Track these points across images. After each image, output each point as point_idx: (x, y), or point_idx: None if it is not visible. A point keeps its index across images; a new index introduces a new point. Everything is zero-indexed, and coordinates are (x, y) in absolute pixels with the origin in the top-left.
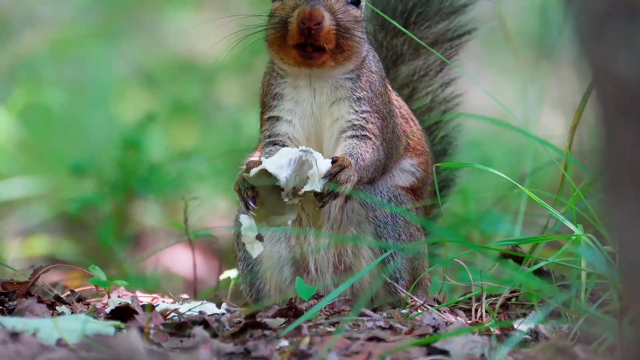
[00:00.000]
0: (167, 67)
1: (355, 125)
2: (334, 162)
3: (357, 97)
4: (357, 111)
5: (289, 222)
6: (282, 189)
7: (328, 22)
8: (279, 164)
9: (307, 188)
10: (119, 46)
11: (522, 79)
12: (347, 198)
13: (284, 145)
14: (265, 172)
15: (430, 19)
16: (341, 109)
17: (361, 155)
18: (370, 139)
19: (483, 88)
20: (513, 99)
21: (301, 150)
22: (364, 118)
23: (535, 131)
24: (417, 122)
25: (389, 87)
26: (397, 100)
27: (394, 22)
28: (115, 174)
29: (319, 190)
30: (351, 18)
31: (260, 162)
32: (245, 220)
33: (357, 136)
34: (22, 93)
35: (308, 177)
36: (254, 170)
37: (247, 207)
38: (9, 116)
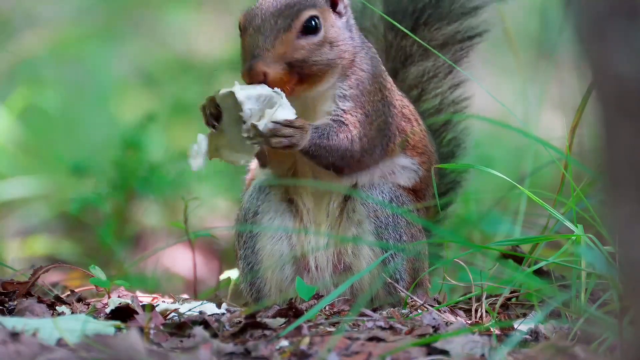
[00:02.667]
0: (167, 67)
1: (333, 114)
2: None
3: (342, 95)
4: (338, 105)
5: (241, 162)
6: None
7: (274, 73)
8: (248, 93)
9: (253, 120)
10: (119, 46)
11: (522, 79)
12: (348, 197)
13: None
14: (233, 97)
15: (440, 20)
16: (325, 105)
17: (328, 133)
18: (346, 125)
19: (484, 88)
20: (513, 99)
21: (274, 91)
22: (343, 110)
23: (536, 131)
24: (421, 122)
25: (387, 85)
26: (400, 99)
27: (400, 27)
28: (115, 174)
29: (260, 129)
30: (308, 49)
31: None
32: (202, 139)
33: (333, 119)
34: (22, 93)
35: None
36: (223, 90)
37: (207, 123)
38: (8, 116)
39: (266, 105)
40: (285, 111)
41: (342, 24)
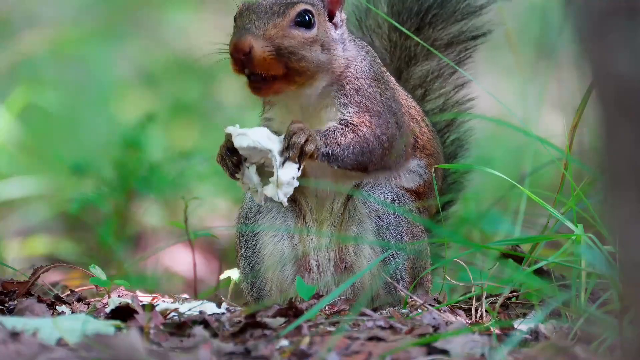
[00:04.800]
0: (168, 67)
1: (341, 120)
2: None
3: (343, 103)
4: (343, 112)
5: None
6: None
7: (260, 50)
8: (241, 143)
9: (267, 192)
10: (119, 46)
11: (522, 79)
12: (350, 196)
13: None
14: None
15: (445, 20)
16: (329, 114)
17: (334, 133)
18: (356, 126)
19: (484, 88)
20: (513, 99)
21: (270, 150)
22: (350, 116)
23: (536, 131)
24: (428, 123)
25: (391, 85)
26: (405, 99)
27: (403, 28)
28: (115, 174)
29: (276, 200)
30: (299, 41)
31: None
32: (252, 174)
33: (339, 123)
34: (22, 93)
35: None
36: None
37: (232, 176)
38: (8, 116)
39: (257, 154)
40: (286, 170)
41: (337, 35)
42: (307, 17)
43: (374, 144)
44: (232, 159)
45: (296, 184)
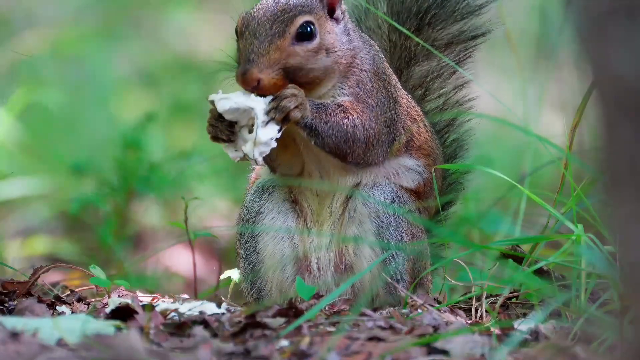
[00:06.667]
0: (167, 67)
1: (334, 101)
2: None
3: (341, 94)
4: (337, 99)
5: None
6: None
7: (268, 77)
8: (224, 106)
9: (243, 148)
10: (119, 46)
11: (522, 79)
12: (349, 197)
13: None
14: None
15: (444, 20)
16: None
17: (326, 108)
18: (346, 109)
19: (484, 88)
20: (513, 99)
21: (249, 107)
22: (343, 101)
23: (536, 131)
24: (427, 123)
25: (392, 82)
26: (405, 98)
27: (402, 29)
28: (115, 173)
29: (251, 157)
30: (303, 55)
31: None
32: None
33: (332, 102)
34: (22, 93)
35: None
36: (211, 97)
37: (224, 140)
38: (9, 116)
39: (244, 116)
40: (266, 130)
41: (340, 29)
42: (308, 29)
43: (360, 134)
44: (224, 123)
45: (274, 144)
